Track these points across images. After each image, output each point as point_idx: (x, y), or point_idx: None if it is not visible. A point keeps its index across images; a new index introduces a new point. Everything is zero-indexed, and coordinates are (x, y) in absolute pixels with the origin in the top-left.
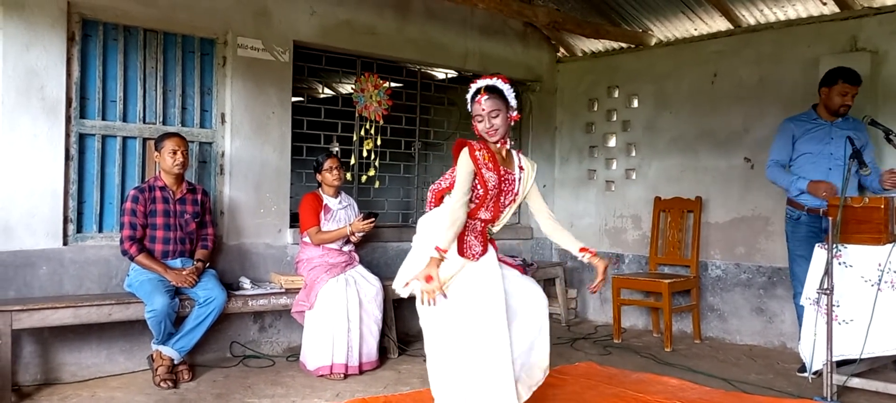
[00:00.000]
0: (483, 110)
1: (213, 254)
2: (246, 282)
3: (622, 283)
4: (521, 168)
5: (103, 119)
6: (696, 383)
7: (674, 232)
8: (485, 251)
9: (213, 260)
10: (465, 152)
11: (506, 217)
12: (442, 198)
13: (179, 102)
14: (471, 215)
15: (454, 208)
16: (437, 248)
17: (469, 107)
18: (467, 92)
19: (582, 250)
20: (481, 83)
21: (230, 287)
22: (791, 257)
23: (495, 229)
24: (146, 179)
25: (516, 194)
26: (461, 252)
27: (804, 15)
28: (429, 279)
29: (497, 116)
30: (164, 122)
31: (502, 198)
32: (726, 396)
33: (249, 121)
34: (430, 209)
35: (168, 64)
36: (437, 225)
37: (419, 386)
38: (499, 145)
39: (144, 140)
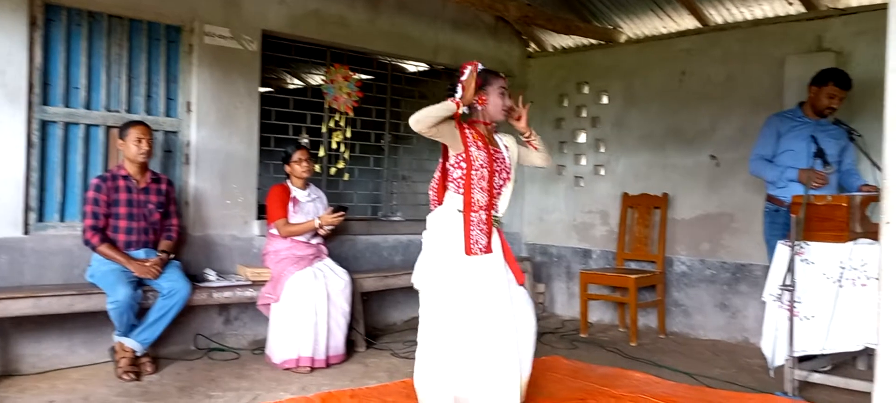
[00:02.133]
0: (505, 88)
1: (177, 245)
2: (211, 274)
3: (589, 278)
4: (506, 147)
5: (66, 106)
6: (661, 377)
7: (641, 228)
8: (490, 244)
9: (177, 251)
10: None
11: (505, 198)
12: (444, 191)
13: (144, 90)
14: (466, 203)
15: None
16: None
17: (483, 84)
18: (462, 72)
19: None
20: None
21: (195, 278)
22: (769, 250)
23: (500, 214)
24: (109, 168)
25: (509, 170)
26: (468, 250)
27: (771, 15)
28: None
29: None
30: (128, 110)
31: (496, 178)
32: (690, 390)
33: (216, 110)
34: (435, 207)
35: (133, 51)
36: (444, 223)
37: (386, 379)
38: (488, 127)
39: (108, 128)
